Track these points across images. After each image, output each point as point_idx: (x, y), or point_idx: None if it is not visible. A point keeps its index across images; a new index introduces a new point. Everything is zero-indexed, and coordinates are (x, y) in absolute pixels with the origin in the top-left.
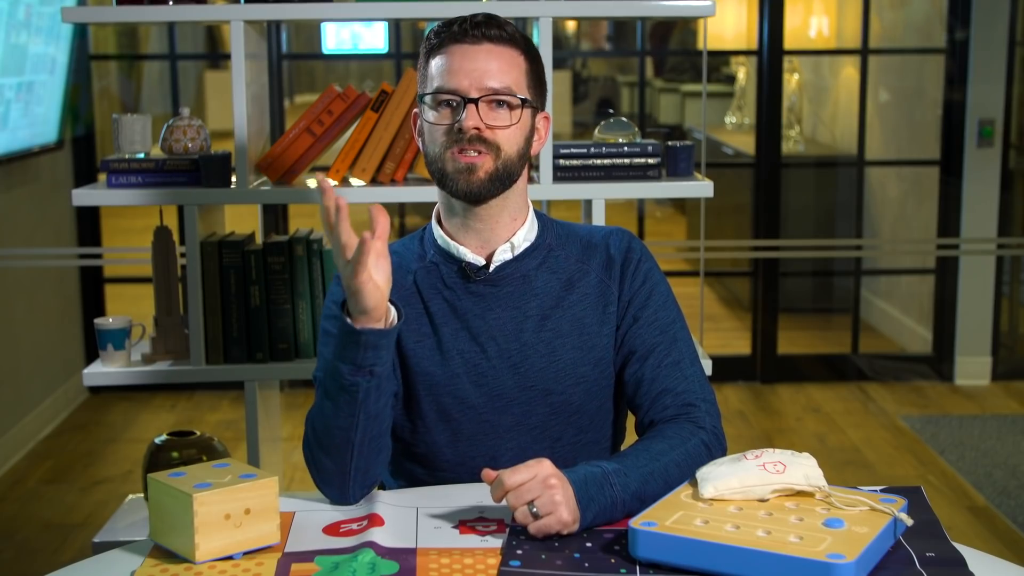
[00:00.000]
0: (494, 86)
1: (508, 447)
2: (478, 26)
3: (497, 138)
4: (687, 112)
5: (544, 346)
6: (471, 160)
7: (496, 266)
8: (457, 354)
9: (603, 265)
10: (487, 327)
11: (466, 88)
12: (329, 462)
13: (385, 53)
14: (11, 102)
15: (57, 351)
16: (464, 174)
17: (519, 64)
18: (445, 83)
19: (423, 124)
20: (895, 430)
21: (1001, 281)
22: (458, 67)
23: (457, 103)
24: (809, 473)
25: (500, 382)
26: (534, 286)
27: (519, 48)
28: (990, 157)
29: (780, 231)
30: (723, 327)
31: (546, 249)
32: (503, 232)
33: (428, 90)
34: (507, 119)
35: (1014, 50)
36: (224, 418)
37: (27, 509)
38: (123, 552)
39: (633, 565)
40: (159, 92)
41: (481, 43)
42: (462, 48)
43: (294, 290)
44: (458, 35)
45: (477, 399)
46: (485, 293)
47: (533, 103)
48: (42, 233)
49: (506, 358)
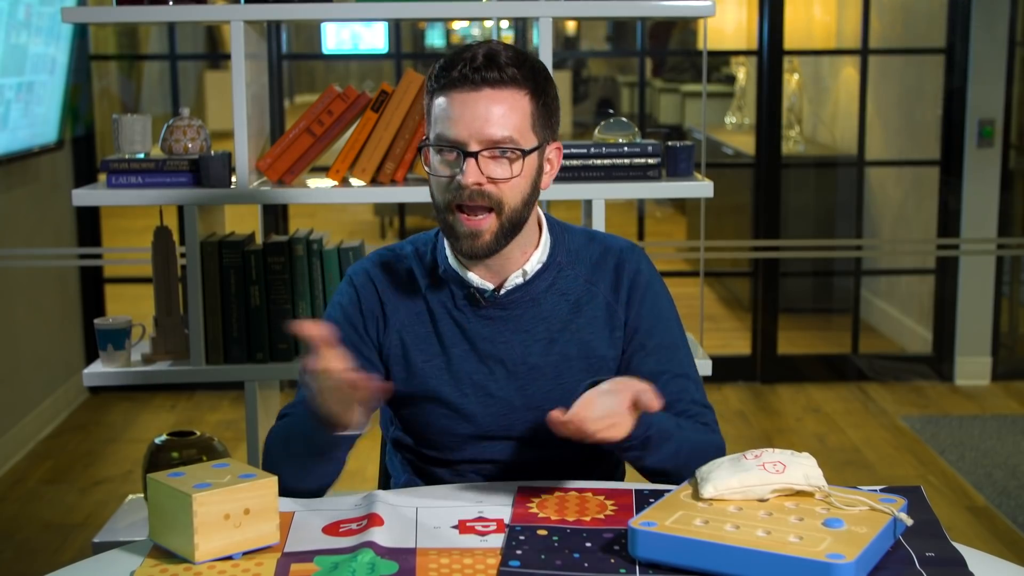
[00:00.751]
0: (495, 137)
1: (514, 454)
2: (478, 70)
3: (500, 192)
4: (687, 112)
5: (551, 369)
6: (476, 225)
7: (507, 290)
8: (466, 376)
9: (611, 287)
10: (496, 350)
11: (465, 139)
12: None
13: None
14: (11, 102)
15: (57, 351)
16: (469, 239)
17: (522, 107)
18: (446, 131)
19: (427, 164)
20: (895, 430)
21: (1001, 281)
22: (458, 116)
23: (458, 155)
24: (809, 473)
25: (507, 403)
26: (542, 309)
27: (523, 88)
28: (990, 157)
29: (780, 231)
30: (723, 327)
31: (556, 269)
32: (513, 264)
33: (431, 134)
34: (508, 172)
35: (1014, 50)
36: (224, 418)
37: (27, 509)
38: (123, 552)
39: (633, 565)
40: (159, 92)
41: (481, 89)
42: (462, 96)
43: (294, 290)
44: (458, 81)
45: (484, 418)
46: (494, 316)
47: (539, 146)
48: (42, 233)
49: (513, 380)
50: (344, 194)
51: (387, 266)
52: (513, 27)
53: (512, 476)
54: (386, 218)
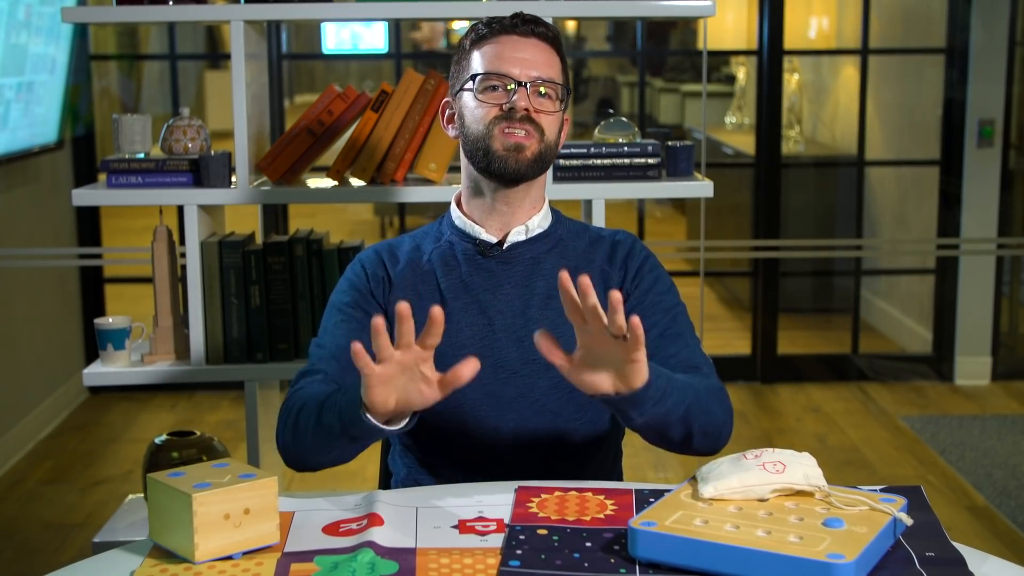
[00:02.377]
0: (542, 76)
1: (510, 418)
2: (528, 22)
3: (543, 122)
4: (687, 112)
5: (548, 323)
6: (519, 140)
7: (509, 245)
8: (466, 326)
9: (607, 257)
10: (496, 302)
11: (518, 74)
12: (294, 446)
13: (385, 53)
14: (11, 102)
15: (57, 351)
16: (513, 152)
17: (557, 63)
18: (497, 68)
19: (461, 110)
20: (895, 430)
21: (1001, 281)
22: (509, 55)
23: (507, 87)
24: (809, 473)
25: (505, 354)
26: (542, 267)
27: (558, 50)
28: (990, 157)
29: (780, 231)
30: (723, 327)
31: (557, 238)
32: (521, 217)
33: (478, 71)
34: (551, 107)
35: (1014, 50)
36: (224, 418)
37: (27, 509)
38: (123, 552)
39: (633, 565)
40: (159, 92)
41: (530, 37)
42: (512, 39)
43: (294, 290)
44: (509, 27)
45: (482, 370)
46: (496, 270)
47: (566, 99)
48: (42, 233)
49: (511, 332)
50: (344, 194)
51: (389, 247)
52: None
53: (508, 459)
54: (386, 218)
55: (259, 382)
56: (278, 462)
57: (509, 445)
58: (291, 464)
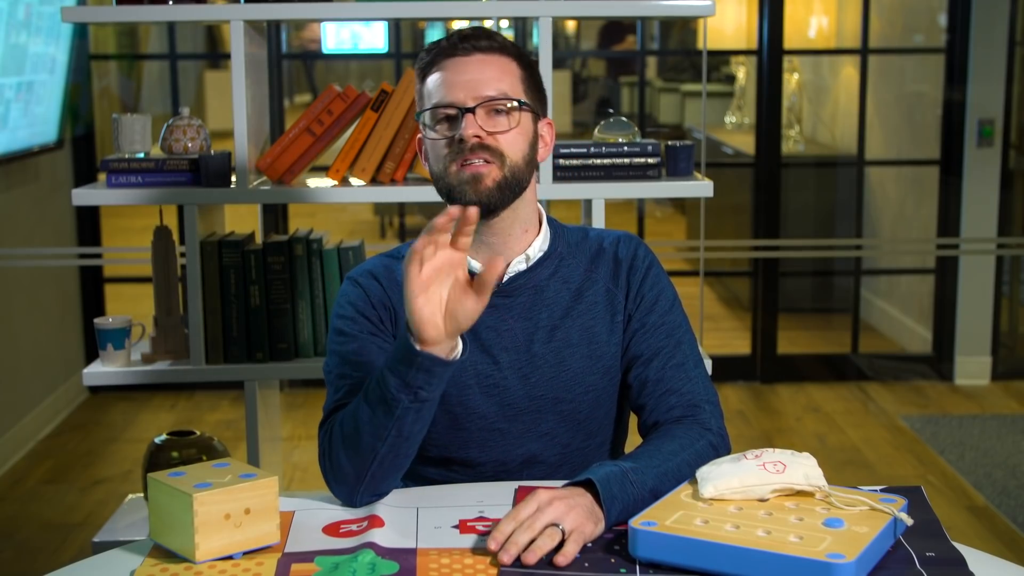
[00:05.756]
0: (490, 93)
1: (518, 453)
2: (466, 39)
3: (500, 144)
4: (687, 112)
5: (553, 356)
6: (476, 169)
7: (510, 277)
8: (470, 366)
9: (610, 274)
10: (499, 339)
11: (462, 99)
12: (347, 463)
13: (385, 53)
14: (11, 102)
15: (57, 351)
16: (470, 184)
17: (512, 71)
18: (441, 97)
19: (426, 144)
20: (895, 430)
21: (1001, 281)
22: (452, 80)
23: (455, 116)
24: (809, 473)
25: (510, 392)
26: (545, 296)
27: (511, 55)
28: (990, 157)
29: (780, 231)
30: (723, 327)
31: (558, 258)
32: (516, 245)
33: (425, 107)
34: (506, 124)
35: (1014, 50)
36: (224, 418)
37: (27, 509)
38: (123, 552)
39: (633, 565)
40: (159, 92)
41: (472, 54)
42: (454, 62)
43: (294, 290)
44: (448, 50)
45: (487, 409)
46: (498, 304)
47: (531, 107)
48: (42, 233)
49: (516, 368)
50: (344, 194)
51: (386, 268)
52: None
53: (512, 476)
54: (386, 218)
55: (259, 382)
56: (278, 462)
57: (517, 473)
58: (342, 493)
